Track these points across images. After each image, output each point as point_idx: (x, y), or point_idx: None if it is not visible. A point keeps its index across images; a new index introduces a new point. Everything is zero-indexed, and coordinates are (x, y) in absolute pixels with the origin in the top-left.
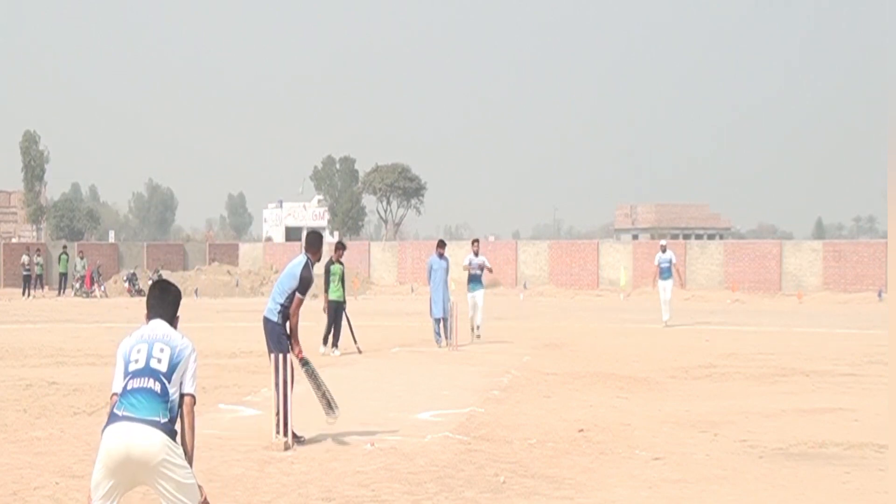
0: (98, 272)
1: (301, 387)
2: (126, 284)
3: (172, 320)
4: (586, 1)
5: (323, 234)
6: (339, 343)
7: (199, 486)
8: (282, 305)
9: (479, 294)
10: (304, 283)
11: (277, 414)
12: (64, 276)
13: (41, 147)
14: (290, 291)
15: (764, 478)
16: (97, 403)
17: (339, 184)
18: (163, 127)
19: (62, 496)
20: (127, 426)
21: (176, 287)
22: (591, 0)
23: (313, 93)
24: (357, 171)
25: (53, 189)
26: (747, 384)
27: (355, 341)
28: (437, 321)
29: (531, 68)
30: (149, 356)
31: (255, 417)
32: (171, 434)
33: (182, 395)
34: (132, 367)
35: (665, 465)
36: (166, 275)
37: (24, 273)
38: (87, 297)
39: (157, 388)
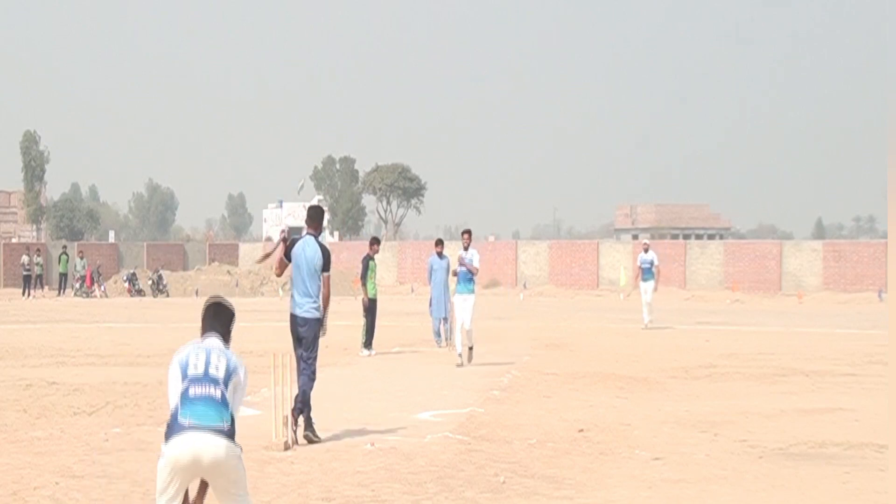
0: (98, 272)
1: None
2: (126, 284)
3: (226, 339)
4: (587, 0)
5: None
6: (373, 342)
7: None
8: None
9: (470, 300)
10: (328, 259)
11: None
12: (64, 276)
13: (41, 147)
14: (318, 275)
15: (764, 478)
16: (97, 403)
17: (339, 184)
18: (163, 127)
19: (62, 496)
20: (195, 436)
21: (231, 308)
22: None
23: (313, 93)
24: (357, 171)
25: (53, 189)
26: (747, 384)
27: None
28: (438, 321)
29: (531, 68)
30: (207, 363)
31: (255, 417)
32: (233, 436)
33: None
34: (191, 372)
35: (665, 465)
36: (166, 275)
37: (24, 273)
38: (88, 297)
39: (218, 394)
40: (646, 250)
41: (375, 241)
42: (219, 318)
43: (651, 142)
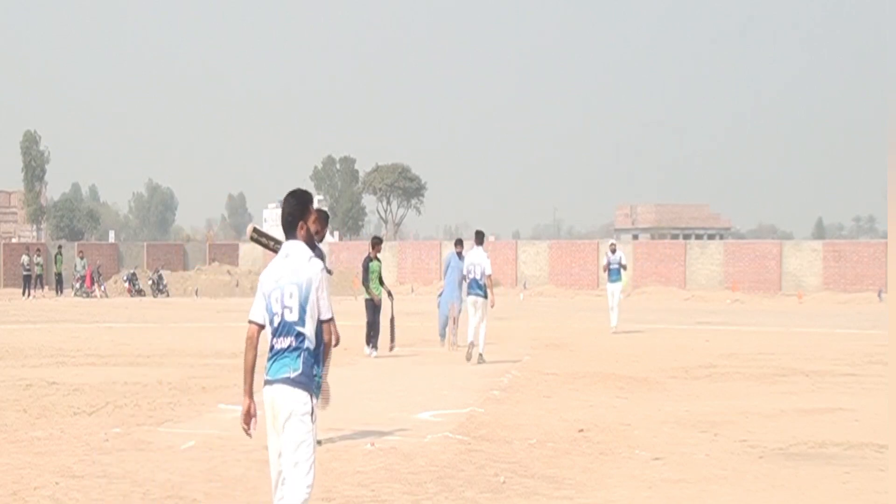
0: (98, 272)
1: None
2: (126, 284)
3: (297, 232)
4: (586, 0)
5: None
6: (377, 343)
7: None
8: None
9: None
10: (320, 257)
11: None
12: (59, 275)
13: (41, 147)
14: None
15: (764, 478)
16: (97, 403)
17: (339, 184)
18: (163, 127)
19: (62, 496)
20: (269, 389)
21: (297, 195)
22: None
23: (313, 93)
24: (357, 171)
25: (53, 189)
26: (747, 384)
27: (392, 340)
28: (444, 318)
29: (531, 68)
30: (282, 307)
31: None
32: (305, 383)
33: (320, 322)
34: (275, 321)
35: (665, 465)
36: (166, 275)
37: (24, 273)
38: (88, 297)
39: (293, 342)
40: (613, 251)
41: (378, 242)
42: (285, 215)
43: (651, 142)
